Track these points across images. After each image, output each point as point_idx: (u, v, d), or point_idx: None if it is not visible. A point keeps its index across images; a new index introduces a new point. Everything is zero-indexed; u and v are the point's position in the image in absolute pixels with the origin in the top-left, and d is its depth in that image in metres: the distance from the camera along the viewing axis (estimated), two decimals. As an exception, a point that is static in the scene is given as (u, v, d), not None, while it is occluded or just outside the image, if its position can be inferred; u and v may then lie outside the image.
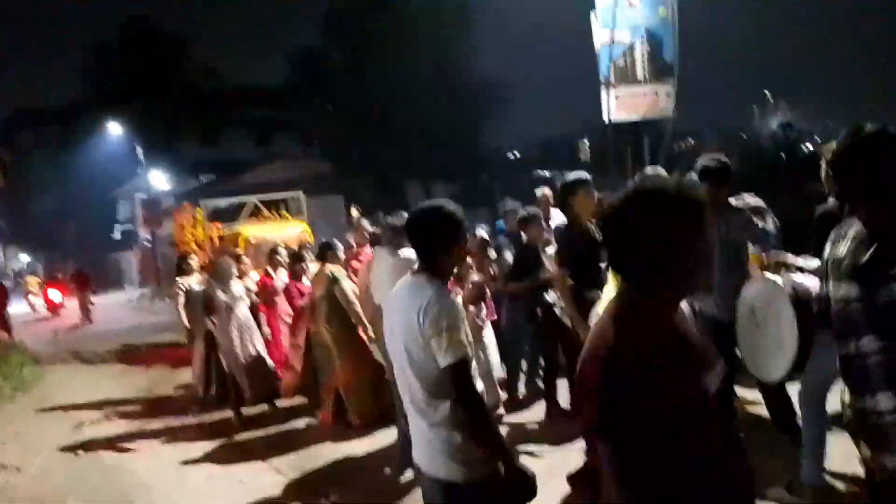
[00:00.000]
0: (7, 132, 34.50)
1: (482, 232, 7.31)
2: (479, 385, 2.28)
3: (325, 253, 5.93)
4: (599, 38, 8.51)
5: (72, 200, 34.14)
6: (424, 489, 2.37)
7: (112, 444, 6.41)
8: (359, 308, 5.70)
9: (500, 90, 28.48)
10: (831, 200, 3.24)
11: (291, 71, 28.49)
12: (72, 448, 6.36)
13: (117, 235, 35.09)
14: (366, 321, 5.73)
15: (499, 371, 5.89)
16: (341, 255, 5.97)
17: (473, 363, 2.24)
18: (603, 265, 4.13)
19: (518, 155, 46.84)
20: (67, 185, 33.66)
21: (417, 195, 26.13)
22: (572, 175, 4.37)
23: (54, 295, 22.32)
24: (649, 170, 3.97)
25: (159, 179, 28.34)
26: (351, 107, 25.14)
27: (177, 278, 7.97)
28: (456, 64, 26.01)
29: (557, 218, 5.98)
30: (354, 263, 6.54)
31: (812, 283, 3.42)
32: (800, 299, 3.40)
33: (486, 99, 27.82)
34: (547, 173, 34.58)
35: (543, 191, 6.58)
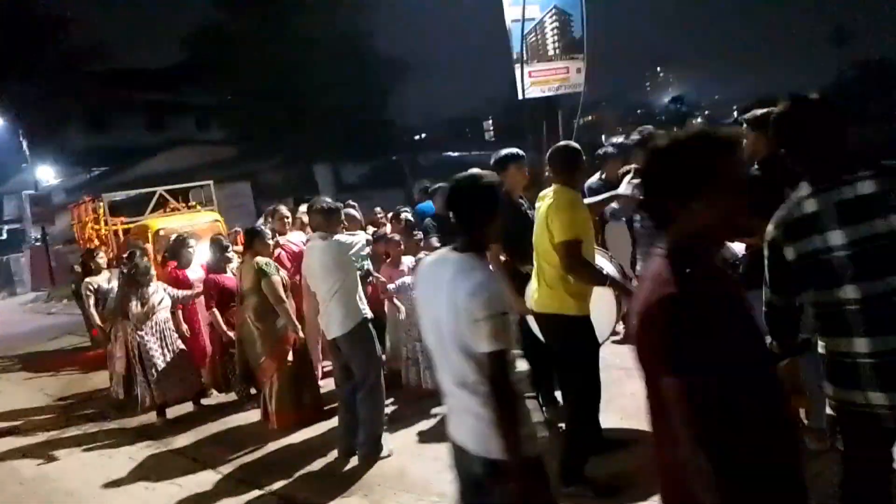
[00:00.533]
0: None
1: (407, 214, 7.29)
2: (523, 366, 2.24)
3: (252, 240, 5.70)
4: (510, 14, 8.58)
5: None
6: (463, 466, 2.30)
7: (28, 453, 6.05)
8: (287, 305, 5.54)
9: (406, 67, 28.25)
10: (753, 168, 3.43)
11: (187, 50, 26.97)
12: (-18, 463, 5.96)
13: (2, 235, 32.64)
14: (294, 319, 5.59)
15: None
16: (269, 242, 5.77)
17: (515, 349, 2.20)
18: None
19: (424, 136, 47.01)
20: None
21: (327, 178, 25.74)
22: (504, 151, 4.43)
23: None
24: (563, 143, 4.04)
25: (47, 173, 26.57)
26: (253, 87, 24.22)
27: (85, 279, 7.58)
28: (361, 41, 25.51)
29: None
30: (277, 251, 6.35)
31: (737, 247, 3.62)
32: (725, 260, 3.62)
33: (393, 77, 27.52)
34: (454, 154, 34.85)
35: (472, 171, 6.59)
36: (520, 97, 8.71)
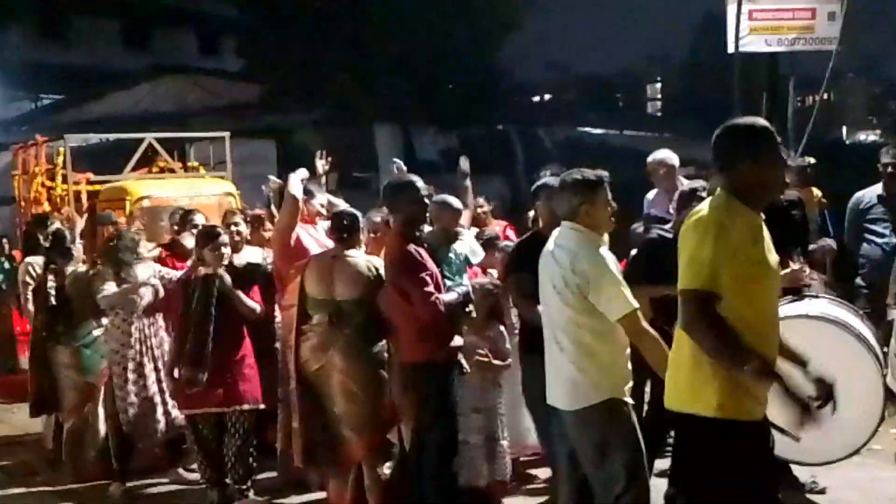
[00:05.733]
0: None
1: None
2: None
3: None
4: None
5: None
6: None
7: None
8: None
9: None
10: None
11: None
12: None
13: None
14: None
15: None
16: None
17: None
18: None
19: (549, 98, 47.15)
20: None
21: (392, 148, 26.02)
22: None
23: None
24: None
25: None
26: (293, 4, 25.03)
27: (27, 259, 7.84)
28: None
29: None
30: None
31: None
32: None
33: (508, 11, 27.88)
34: (594, 131, 34.85)
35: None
36: (729, 49, 8.63)
